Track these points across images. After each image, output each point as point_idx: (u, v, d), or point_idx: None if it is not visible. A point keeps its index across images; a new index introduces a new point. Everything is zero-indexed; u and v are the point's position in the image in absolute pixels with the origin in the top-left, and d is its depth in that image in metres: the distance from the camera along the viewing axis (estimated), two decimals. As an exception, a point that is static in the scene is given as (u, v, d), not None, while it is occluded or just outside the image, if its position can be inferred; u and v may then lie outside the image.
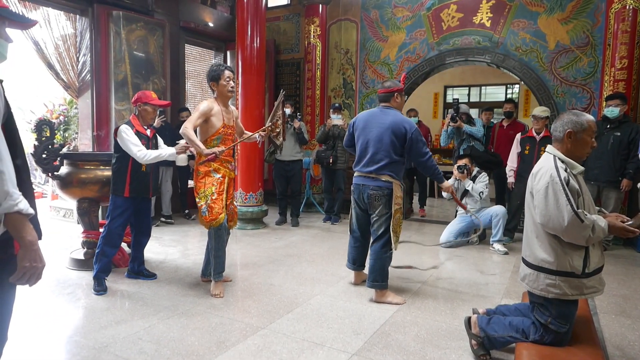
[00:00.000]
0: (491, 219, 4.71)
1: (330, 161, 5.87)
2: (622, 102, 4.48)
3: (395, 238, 3.14)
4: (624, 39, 4.85)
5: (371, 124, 3.21)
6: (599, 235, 1.93)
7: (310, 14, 6.91)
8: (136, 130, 3.32)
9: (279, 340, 2.53)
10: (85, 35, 5.56)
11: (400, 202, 3.15)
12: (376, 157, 3.14)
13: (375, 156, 3.15)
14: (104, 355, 2.31)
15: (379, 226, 3.15)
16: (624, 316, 3.02)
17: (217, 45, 7.58)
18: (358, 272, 3.53)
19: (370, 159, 3.18)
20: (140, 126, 3.38)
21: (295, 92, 7.34)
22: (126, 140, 3.22)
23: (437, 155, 9.33)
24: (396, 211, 3.12)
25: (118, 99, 5.64)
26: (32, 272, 1.33)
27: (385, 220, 3.13)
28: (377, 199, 3.13)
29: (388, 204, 3.12)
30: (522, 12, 5.58)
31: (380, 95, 3.31)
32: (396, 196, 3.11)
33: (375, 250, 3.17)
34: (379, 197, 3.12)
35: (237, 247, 4.69)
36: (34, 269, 1.33)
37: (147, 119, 3.43)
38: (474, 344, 2.35)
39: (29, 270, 1.33)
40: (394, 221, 3.11)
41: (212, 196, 3.13)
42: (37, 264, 1.33)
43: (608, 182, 4.57)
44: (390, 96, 3.24)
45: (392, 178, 3.11)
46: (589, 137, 2.06)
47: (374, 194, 3.13)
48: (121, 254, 3.91)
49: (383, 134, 3.12)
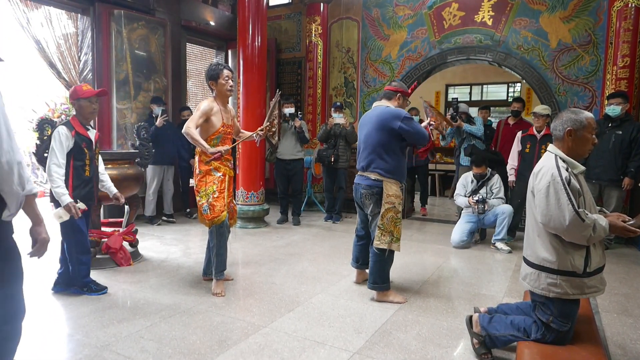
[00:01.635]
0: (496, 217, 4.67)
1: (332, 160, 5.88)
2: (624, 101, 4.47)
3: (392, 238, 3.05)
4: (626, 37, 4.83)
5: (364, 123, 3.20)
6: (600, 234, 1.92)
7: (311, 12, 6.90)
8: (76, 132, 3.07)
9: (281, 339, 2.53)
10: (86, 34, 5.57)
11: (393, 200, 3.03)
12: (366, 155, 3.12)
13: (364, 154, 3.13)
14: (105, 354, 2.32)
15: (375, 226, 3.09)
16: (626, 315, 3.01)
17: (219, 44, 7.59)
18: (360, 270, 3.52)
19: (361, 157, 3.18)
20: (81, 127, 3.12)
21: (296, 91, 7.33)
22: (53, 146, 2.98)
23: (439, 154, 9.33)
24: (388, 210, 3.02)
25: (119, 98, 5.65)
26: (46, 245, 1.70)
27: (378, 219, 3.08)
28: (367, 197, 3.10)
29: (378, 202, 3.06)
30: (524, 11, 5.57)
31: (384, 92, 3.25)
32: (387, 194, 3.02)
33: (374, 251, 3.12)
34: (369, 196, 3.09)
35: (239, 246, 4.70)
36: (47, 241, 1.69)
37: (86, 116, 3.15)
38: (476, 342, 2.35)
39: (45, 243, 1.69)
40: (384, 220, 3.02)
41: (214, 195, 3.14)
42: (48, 237, 1.69)
43: (610, 181, 4.55)
44: (393, 95, 3.19)
45: (381, 176, 3.04)
46: (590, 134, 2.06)
47: (365, 192, 3.11)
48: (123, 253, 3.92)
49: (370, 130, 3.09)
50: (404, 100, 3.22)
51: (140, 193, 4.54)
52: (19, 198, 1.55)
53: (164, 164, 5.81)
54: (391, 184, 3.05)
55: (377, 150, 3.05)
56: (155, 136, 5.30)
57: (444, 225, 6.08)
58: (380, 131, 3.04)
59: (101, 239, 3.90)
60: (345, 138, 5.95)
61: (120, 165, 3.95)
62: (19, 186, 1.53)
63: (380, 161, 3.05)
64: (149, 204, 5.75)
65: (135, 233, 4.21)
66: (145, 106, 5.89)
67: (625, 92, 4.64)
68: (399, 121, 2.98)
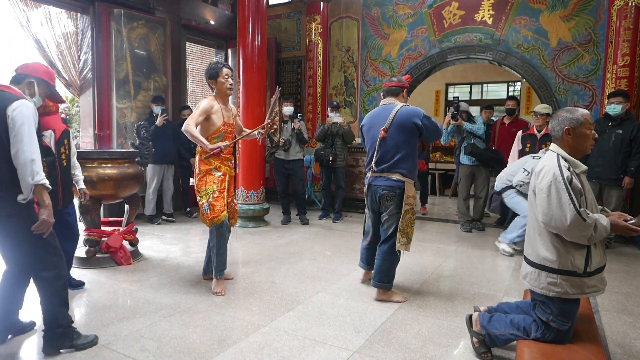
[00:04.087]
0: (514, 212, 4.44)
1: (330, 159, 5.88)
2: (624, 100, 4.46)
3: (407, 239, 3.05)
4: (626, 36, 4.83)
5: (374, 123, 3.13)
6: (601, 234, 1.92)
7: (311, 11, 6.90)
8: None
9: (281, 338, 2.53)
10: (86, 33, 5.57)
11: (412, 202, 3.03)
12: (386, 156, 3.05)
13: (385, 155, 3.05)
14: (105, 353, 2.32)
15: (389, 226, 3.06)
16: (626, 314, 3.01)
17: (218, 43, 7.58)
18: (368, 271, 3.49)
19: (380, 158, 3.08)
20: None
21: (296, 90, 7.33)
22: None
23: (439, 152, 9.33)
24: (407, 211, 3.01)
25: (119, 97, 5.64)
26: (47, 225, 2.18)
27: (395, 220, 3.03)
28: (388, 198, 3.03)
29: (399, 203, 3.02)
30: (524, 10, 5.56)
31: (389, 89, 3.17)
32: (408, 196, 3.00)
33: (384, 251, 3.09)
34: (391, 197, 3.02)
35: (239, 245, 4.70)
36: (49, 223, 2.18)
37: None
38: (475, 341, 2.35)
39: (46, 223, 2.17)
40: (403, 221, 3.01)
41: (214, 194, 3.14)
42: (50, 219, 2.19)
43: (610, 180, 4.55)
44: (400, 91, 3.16)
45: (403, 177, 3.02)
46: (588, 130, 2.06)
47: (385, 194, 3.04)
48: (123, 252, 3.92)
49: (392, 132, 3.01)
50: (407, 95, 3.24)
51: (140, 192, 4.54)
52: (29, 186, 2.10)
53: (164, 163, 5.81)
54: (411, 185, 3.04)
55: (401, 151, 3.00)
56: (156, 135, 5.30)
57: (443, 224, 6.08)
58: (402, 131, 2.99)
59: (101, 238, 3.90)
60: (343, 137, 5.95)
61: (120, 164, 3.95)
62: (30, 177, 2.08)
63: (404, 162, 3.01)
64: (148, 203, 5.75)
65: (135, 232, 4.21)
66: (145, 105, 5.89)
67: (625, 91, 4.63)
68: (419, 119, 2.97)
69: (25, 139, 2.08)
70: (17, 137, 2.08)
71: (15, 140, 2.09)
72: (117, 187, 3.88)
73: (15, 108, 2.11)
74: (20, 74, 2.40)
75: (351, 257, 4.25)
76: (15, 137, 2.08)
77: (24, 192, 2.12)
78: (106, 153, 4.05)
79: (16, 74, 2.40)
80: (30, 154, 2.08)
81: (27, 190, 2.11)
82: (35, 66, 2.47)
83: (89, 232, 3.85)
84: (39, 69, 2.48)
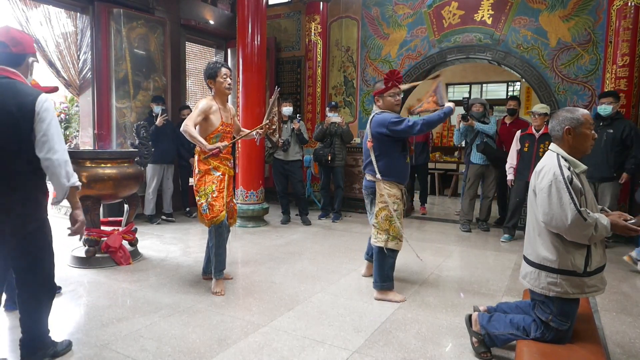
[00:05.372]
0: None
1: (329, 159, 5.88)
2: (615, 100, 4.50)
3: (388, 237, 3.08)
4: (626, 36, 4.83)
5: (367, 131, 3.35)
6: (601, 233, 1.92)
7: (311, 11, 6.90)
8: None
9: (280, 337, 2.53)
10: (85, 33, 5.56)
11: (386, 200, 3.08)
12: (365, 158, 3.30)
13: (365, 158, 3.30)
14: (105, 353, 2.32)
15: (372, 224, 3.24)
16: (625, 314, 3.02)
17: (218, 42, 7.57)
18: (370, 263, 3.61)
19: (364, 161, 3.35)
20: None
21: (296, 90, 7.33)
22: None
23: (438, 152, 9.33)
24: (381, 209, 3.10)
25: (119, 97, 5.64)
26: (84, 225, 2.14)
27: (372, 217, 3.19)
28: (365, 197, 3.33)
29: (373, 202, 3.20)
30: (524, 9, 5.56)
31: (373, 97, 3.35)
32: (380, 194, 3.12)
33: (373, 248, 3.20)
34: (366, 196, 3.31)
35: (238, 245, 4.70)
36: (84, 223, 2.13)
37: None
38: (475, 341, 2.35)
39: (83, 224, 2.12)
40: (378, 219, 3.11)
41: (213, 194, 3.13)
42: (84, 220, 2.13)
43: (602, 179, 4.57)
44: (378, 98, 3.21)
45: (373, 177, 3.17)
46: (588, 129, 2.07)
47: (364, 193, 3.34)
48: (122, 252, 3.92)
49: (365, 137, 3.26)
50: (382, 99, 3.18)
51: (139, 192, 4.53)
52: (64, 189, 1.99)
53: (164, 162, 5.80)
54: (384, 184, 3.11)
55: (367, 154, 3.20)
56: (155, 135, 5.30)
57: (443, 224, 6.08)
58: (374, 138, 3.16)
59: (101, 237, 3.90)
60: (341, 137, 5.96)
61: (119, 164, 3.95)
62: (65, 179, 1.96)
63: (371, 163, 3.17)
64: (148, 203, 5.75)
65: (134, 232, 4.21)
66: (145, 105, 5.89)
67: (616, 92, 4.67)
68: (384, 128, 3.07)
69: (56, 137, 1.92)
70: (47, 136, 1.90)
71: (44, 140, 1.90)
72: (116, 187, 3.88)
73: (42, 104, 1.91)
74: (18, 54, 2.01)
75: (351, 257, 4.26)
76: (44, 136, 1.90)
77: (57, 195, 2.00)
78: (106, 153, 4.04)
79: (12, 53, 1.99)
80: (63, 154, 1.94)
81: (62, 193, 1.99)
82: (24, 38, 2.07)
83: (88, 232, 3.84)
84: (30, 41, 2.11)
